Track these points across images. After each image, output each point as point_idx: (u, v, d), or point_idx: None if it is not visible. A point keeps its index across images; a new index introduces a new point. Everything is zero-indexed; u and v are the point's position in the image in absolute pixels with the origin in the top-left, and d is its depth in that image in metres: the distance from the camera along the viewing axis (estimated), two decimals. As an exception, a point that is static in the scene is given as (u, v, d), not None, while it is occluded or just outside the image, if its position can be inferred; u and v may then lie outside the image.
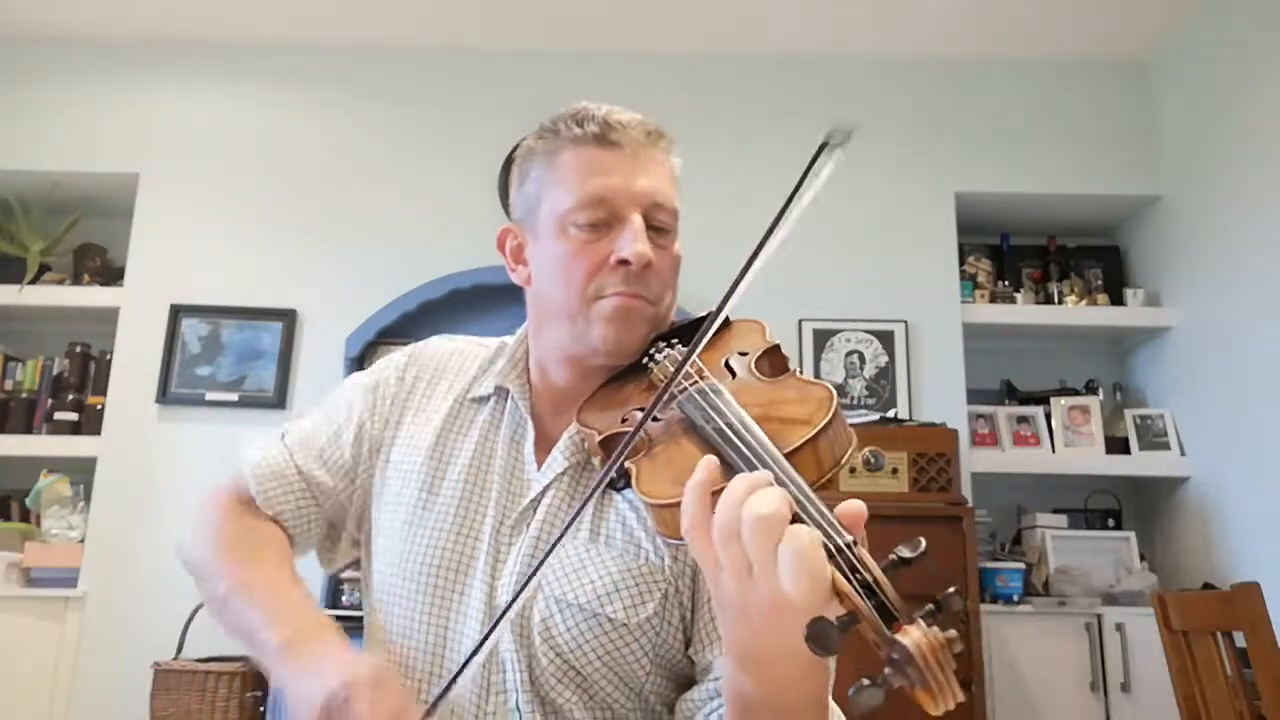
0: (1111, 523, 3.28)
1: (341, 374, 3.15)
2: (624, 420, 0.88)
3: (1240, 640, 1.76)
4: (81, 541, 3.07)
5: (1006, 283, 3.45)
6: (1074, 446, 3.22)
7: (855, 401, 3.20)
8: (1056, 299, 3.40)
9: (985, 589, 2.87)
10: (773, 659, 0.67)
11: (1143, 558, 3.12)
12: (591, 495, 0.77)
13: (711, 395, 0.78)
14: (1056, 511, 3.21)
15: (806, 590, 0.57)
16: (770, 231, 0.79)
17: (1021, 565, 2.95)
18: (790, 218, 0.78)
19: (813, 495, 0.65)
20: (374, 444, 1.04)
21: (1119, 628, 2.79)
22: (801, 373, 0.84)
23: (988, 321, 3.31)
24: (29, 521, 3.19)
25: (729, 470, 0.70)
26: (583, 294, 0.93)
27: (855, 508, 0.63)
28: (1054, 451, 3.22)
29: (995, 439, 3.24)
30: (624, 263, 0.91)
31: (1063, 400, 3.30)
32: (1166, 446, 3.19)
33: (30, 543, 3.06)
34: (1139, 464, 3.18)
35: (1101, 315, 3.35)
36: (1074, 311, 3.36)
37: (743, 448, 0.70)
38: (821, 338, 3.26)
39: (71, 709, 2.93)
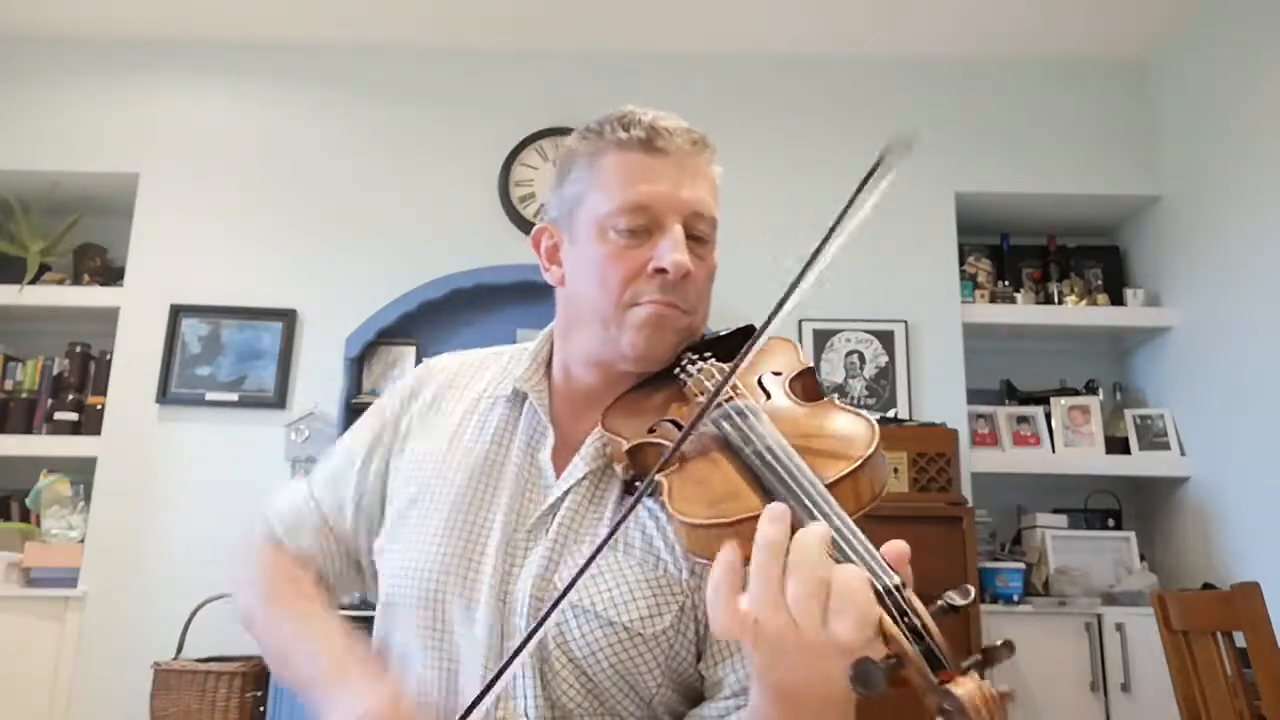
0: (1111, 523, 3.28)
1: (341, 374, 3.15)
2: (651, 430, 0.86)
3: (1240, 640, 1.76)
4: (81, 541, 3.07)
5: (1006, 283, 3.45)
6: (1074, 446, 3.22)
7: (855, 401, 3.19)
8: (1056, 299, 3.40)
9: (985, 589, 2.87)
10: (807, 695, 0.66)
11: (1143, 558, 3.12)
12: (629, 513, 0.75)
13: (750, 417, 0.77)
14: (1056, 511, 3.21)
15: (854, 632, 0.57)
16: (819, 248, 0.78)
17: (1021, 565, 2.95)
18: (844, 232, 0.77)
19: (859, 533, 0.63)
20: (382, 467, 1.06)
21: (1119, 628, 2.79)
22: (838, 399, 0.82)
23: (988, 321, 3.31)
24: (29, 521, 3.19)
25: (767, 496, 0.69)
26: (618, 299, 0.92)
27: (899, 548, 0.62)
28: (1054, 451, 3.22)
29: (995, 439, 3.24)
30: (661, 271, 0.91)
31: (1063, 400, 3.30)
32: (1166, 446, 3.19)
33: (30, 543, 3.06)
34: (1139, 464, 3.18)
35: (1101, 315, 3.35)
36: (1074, 311, 3.36)
37: (785, 476, 0.68)
38: (821, 338, 3.26)
39: (71, 709, 2.93)
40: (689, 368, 0.92)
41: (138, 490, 3.10)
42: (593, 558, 0.73)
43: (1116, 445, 3.22)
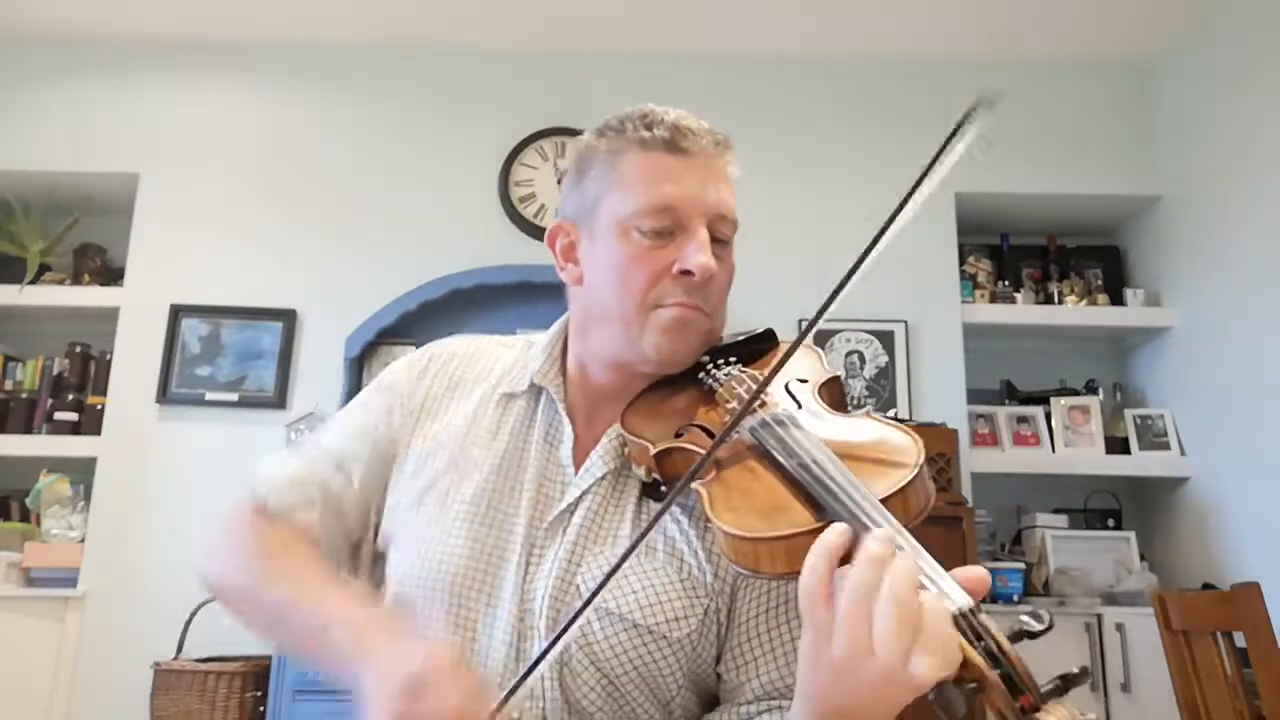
0: (1111, 523, 3.28)
1: (342, 374, 3.15)
2: (679, 434, 0.84)
3: (1240, 640, 1.76)
4: (81, 541, 3.07)
5: (1006, 283, 3.45)
6: (1074, 446, 3.22)
7: (855, 402, 3.19)
8: (1056, 299, 3.40)
9: (985, 589, 2.87)
10: (863, 714, 0.63)
11: (1143, 558, 3.12)
12: (657, 518, 0.74)
13: (790, 426, 0.75)
14: (1056, 511, 3.21)
15: (934, 673, 0.56)
16: (903, 202, 0.75)
17: (1021, 565, 2.94)
18: (928, 185, 0.75)
19: (926, 554, 0.61)
20: (390, 446, 1.01)
21: (1119, 628, 2.79)
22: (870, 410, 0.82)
23: (988, 321, 3.30)
24: (29, 521, 3.18)
25: (817, 510, 0.66)
26: (641, 301, 0.91)
27: (978, 575, 0.60)
28: (1054, 451, 3.22)
29: (995, 439, 3.24)
30: (687, 273, 0.90)
31: (1063, 400, 3.30)
32: (1166, 446, 3.18)
33: (30, 543, 3.06)
34: (1139, 464, 3.18)
35: (1101, 315, 3.35)
36: (1074, 311, 3.36)
37: (839, 493, 0.66)
38: (821, 338, 3.26)
39: (71, 709, 2.93)
40: (715, 372, 0.91)
41: (138, 490, 3.10)
42: (620, 563, 0.73)
43: (1116, 445, 3.21)
